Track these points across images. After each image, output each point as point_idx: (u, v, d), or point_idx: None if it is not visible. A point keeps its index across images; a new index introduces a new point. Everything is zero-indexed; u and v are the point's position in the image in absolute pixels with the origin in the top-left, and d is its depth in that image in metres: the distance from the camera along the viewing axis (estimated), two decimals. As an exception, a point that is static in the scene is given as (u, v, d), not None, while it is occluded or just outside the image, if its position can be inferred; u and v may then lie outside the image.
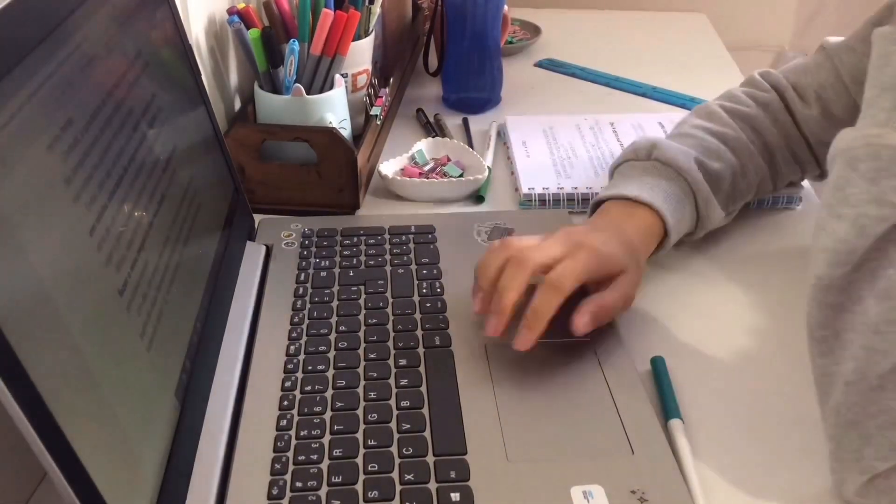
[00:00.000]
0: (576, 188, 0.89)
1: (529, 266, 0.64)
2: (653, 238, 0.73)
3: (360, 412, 0.60)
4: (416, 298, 0.72)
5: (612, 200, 0.74)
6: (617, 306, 0.67)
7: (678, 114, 1.00)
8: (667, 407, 0.62)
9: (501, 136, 1.03)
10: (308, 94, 0.87)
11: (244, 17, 0.88)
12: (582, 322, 0.64)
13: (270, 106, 0.88)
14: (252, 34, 0.86)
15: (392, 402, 0.61)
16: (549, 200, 0.88)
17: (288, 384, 0.63)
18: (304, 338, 0.67)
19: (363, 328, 0.68)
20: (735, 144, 0.79)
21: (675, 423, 0.61)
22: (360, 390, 0.62)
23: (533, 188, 0.89)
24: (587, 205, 0.81)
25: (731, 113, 0.82)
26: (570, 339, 0.66)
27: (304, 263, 0.76)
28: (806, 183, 0.89)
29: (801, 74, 0.82)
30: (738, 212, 0.82)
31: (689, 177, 0.75)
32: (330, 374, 0.64)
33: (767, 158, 0.81)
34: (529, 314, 0.63)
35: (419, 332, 0.68)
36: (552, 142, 0.99)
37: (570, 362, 0.65)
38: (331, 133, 0.84)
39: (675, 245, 0.76)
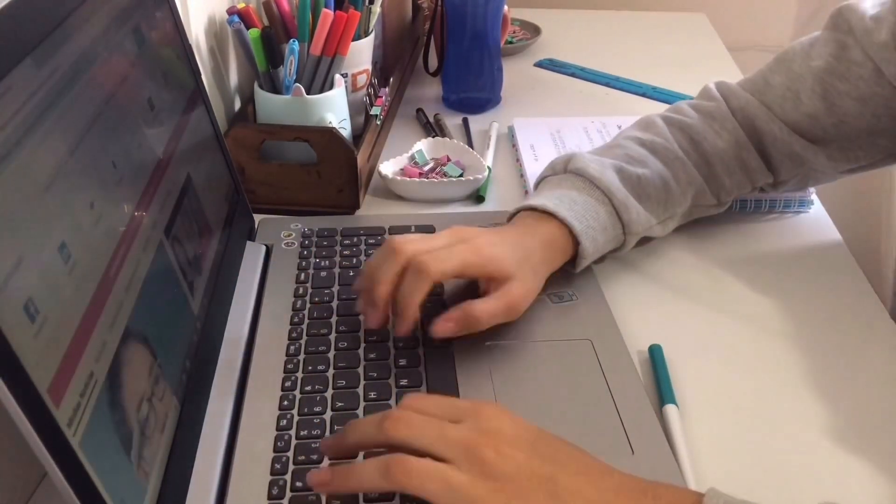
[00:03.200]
0: None
1: (431, 276, 0.62)
2: (558, 249, 0.71)
3: (360, 412, 0.60)
4: (416, 298, 0.72)
5: (523, 212, 0.73)
6: (492, 315, 0.64)
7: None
8: (662, 393, 0.63)
9: (510, 138, 1.03)
10: (308, 94, 0.87)
11: (244, 17, 0.88)
12: (442, 328, 0.63)
13: (270, 106, 0.88)
14: (252, 34, 0.86)
15: (392, 401, 0.61)
16: None
17: (288, 384, 0.63)
18: (304, 338, 0.67)
19: (363, 328, 0.68)
20: (662, 152, 0.77)
21: (669, 409, 0.62)
22: (360, 390, 0.62)
23: None
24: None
25: (668, 122, 0.80)
26: (569, 339, 0.66)
27: (304, 263, 0.76)
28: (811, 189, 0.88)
29: (759, 81, 0.80)
30: (678, 223, 0.79)
31: (602, 184, 0.73)
32: (330, 374, 0.64)
33: (704, 167, 0.78)
34: (399, 301, 0.63)
35: (419, 333, 0.68)
36: (560, 145, 0.99)
37: (570, 362, 0.65)
38: (331, 133, 0.84)
39: (677, 243, 0.75)
